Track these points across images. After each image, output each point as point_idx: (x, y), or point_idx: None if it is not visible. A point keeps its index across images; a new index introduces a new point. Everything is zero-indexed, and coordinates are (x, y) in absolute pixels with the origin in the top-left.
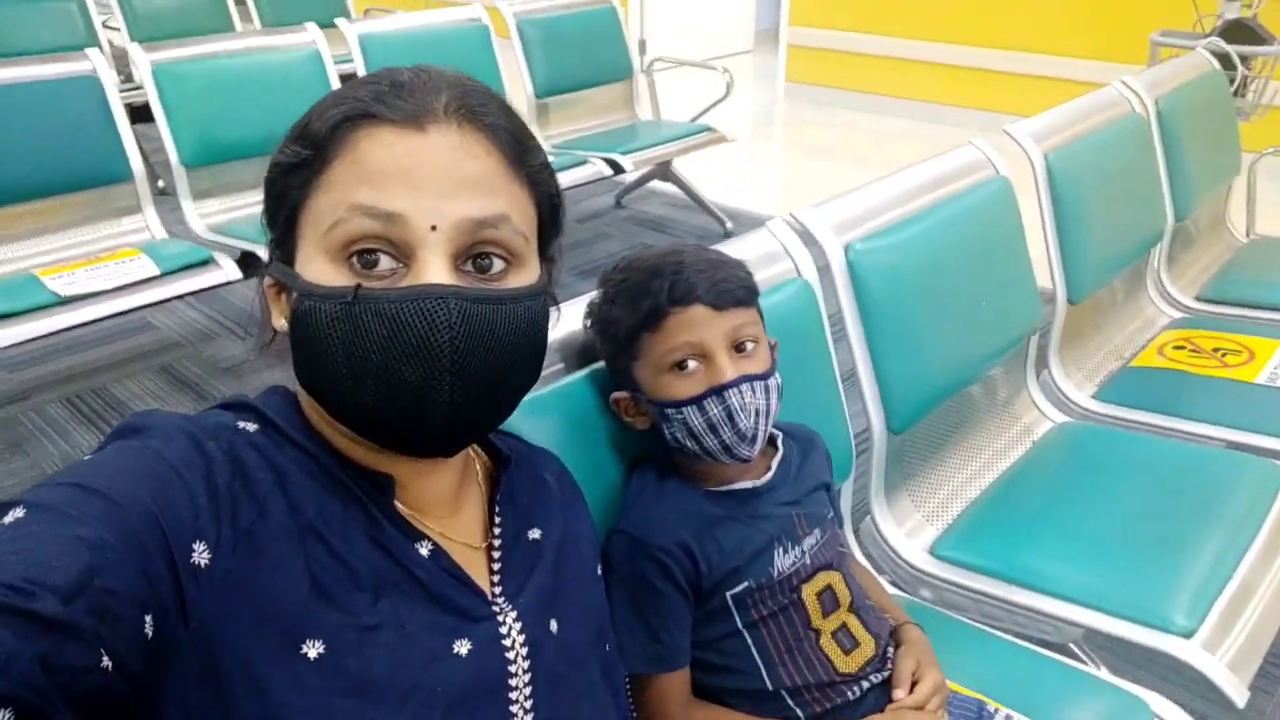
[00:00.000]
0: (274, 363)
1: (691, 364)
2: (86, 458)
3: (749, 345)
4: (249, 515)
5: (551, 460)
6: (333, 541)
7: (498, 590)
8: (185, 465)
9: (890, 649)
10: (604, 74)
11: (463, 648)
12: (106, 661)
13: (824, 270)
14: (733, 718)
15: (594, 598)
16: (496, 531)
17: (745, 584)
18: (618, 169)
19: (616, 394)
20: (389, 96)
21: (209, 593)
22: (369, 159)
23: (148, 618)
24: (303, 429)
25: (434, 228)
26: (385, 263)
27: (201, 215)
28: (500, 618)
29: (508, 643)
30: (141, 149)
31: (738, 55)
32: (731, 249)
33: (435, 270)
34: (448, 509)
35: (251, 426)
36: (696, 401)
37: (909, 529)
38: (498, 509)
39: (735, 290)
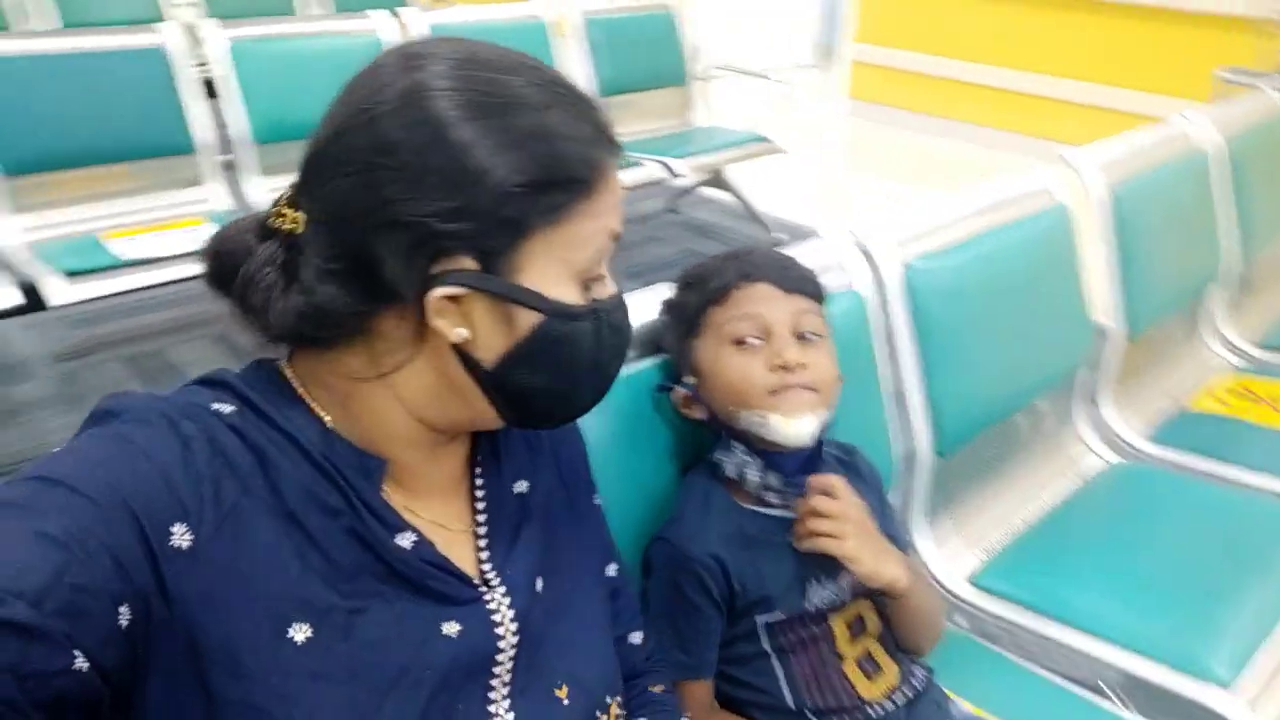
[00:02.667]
0: None
1: (752, 339)
2: (56, 449)
3: (811, 335)
4: (232, 493)
5: None
6: (312, 530)
7: (487, 568)
8: (159, 448)
9: (913, 674)
10: (662, 78)
11: (451, 629)
12: (80, 661)
13: (878, 288)
14: None
15: (586, 533)
16: (479, 500)
17: (776, 613)
18: (671, 173)
19: (680, 390)
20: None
21: (191, 574)
22: (615, 191)
23: (122, 609)
24: (287, 408)
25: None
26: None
27: (268, 190)
28: (488, 594)
29: (497, 618)
30: (215, 123)
31: (798, 69)
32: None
33: (611, 280)
34: (450, 485)
35: (227, 408)
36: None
37: (949, 554)
38: (478, 470)
39: (802, 276)
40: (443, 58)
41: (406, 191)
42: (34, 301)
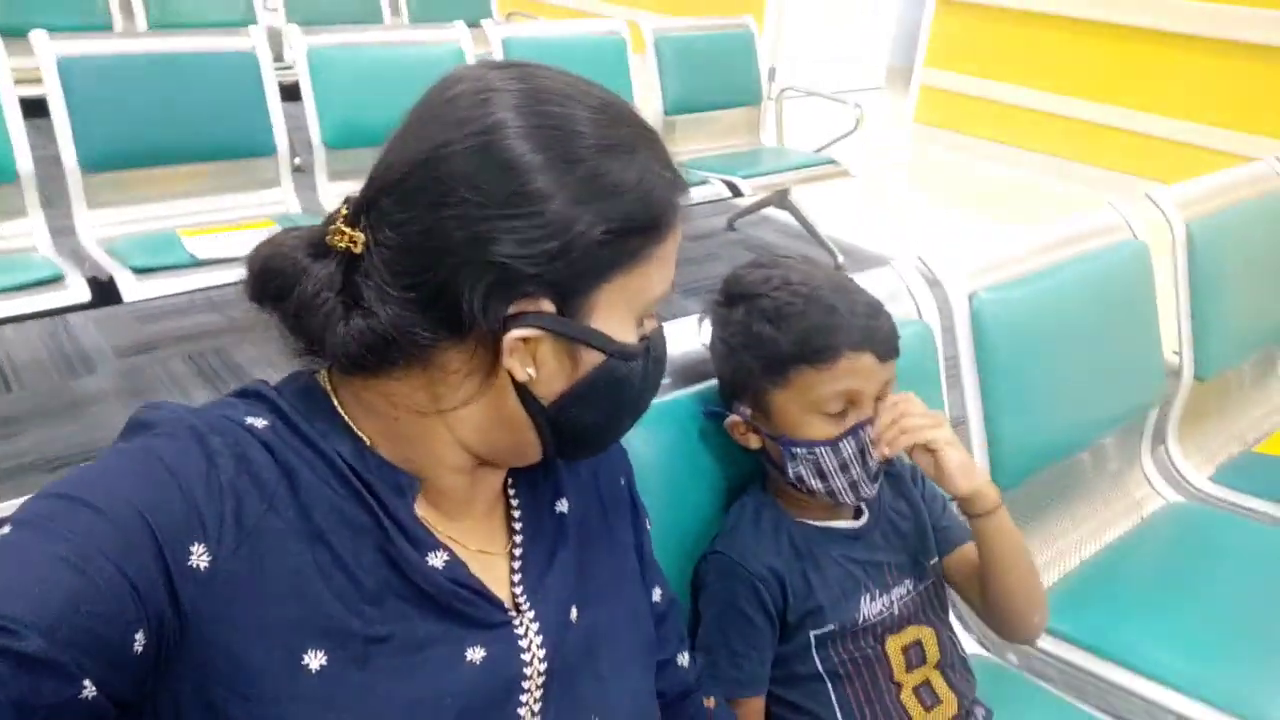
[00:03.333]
0: None
1: (845, 408)
2: (85, 463)
3: (885, 394)
4: (256, 511)
5: None
6: (339, 550)
7: (519, 591)
8: (185, 464)
9: (974, 708)
10: (733, 97)
11: (476, 654)
12: (89, 690)
13: (944, 318)
14: None
15: (618, 563)
16: (516, 521)
17: (829, 626)
18: (735, 192)
19: (734, 419)
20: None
21: (208, 597)
22: (680, 232)
23: (137, 635)
24: (323, 422)
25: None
26: None
27: (337, 195)
28: (518, 620)
29: (524, 644)
30: (286, 127)
31: (868, 91)
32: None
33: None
34: (485, 507)
35: (261, 422)
36: (833, 442)
37: None
38: (512, 490)
39: (896, 343)
40: (516, 93)
41: (496, 232)
42: (104, 296)
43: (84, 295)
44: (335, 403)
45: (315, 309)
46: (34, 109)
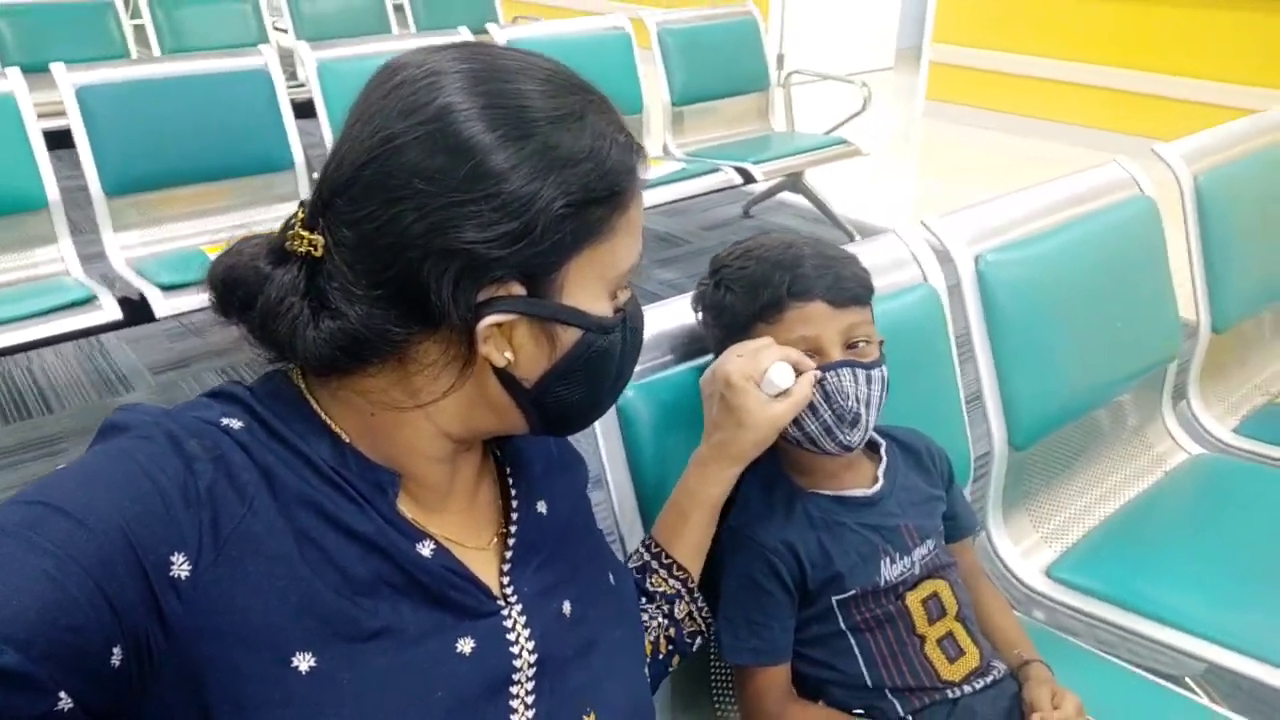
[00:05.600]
0: None
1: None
2: (61, 466)
3: (861, 344)
4: (234, 517)
5: None
6: (326, 545)
7: (506, 580)
8: (162, 469)
9: (995, 661)
10: (741, 84)
11: (466, 645)
12: (64, 703)
13: (952, 282)
14: (830, 716)
15: (600, 560)
16: (514, 512)
17: (851, 591)
18: (748, 178)
19: None
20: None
21: (190, 605)
22: (642, 199)
23: (115, 649)
24: (300, 423)
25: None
26: None
27: None
28: (505, 610)
29: (512, 636)
30: (301, 142)
31: (878, 71)
32: (859, 250)
33: None
34: (465, 499)
35: (237, 424)
36: None
37: (1025, 548)
38: (511, 480)
39: (854, 289)
40: (462, 74)
41: (455, 219)
42: (135, 315)
43: (116, 314)
44: (311, 402)
45: (281, 315)
46: (59, 140)
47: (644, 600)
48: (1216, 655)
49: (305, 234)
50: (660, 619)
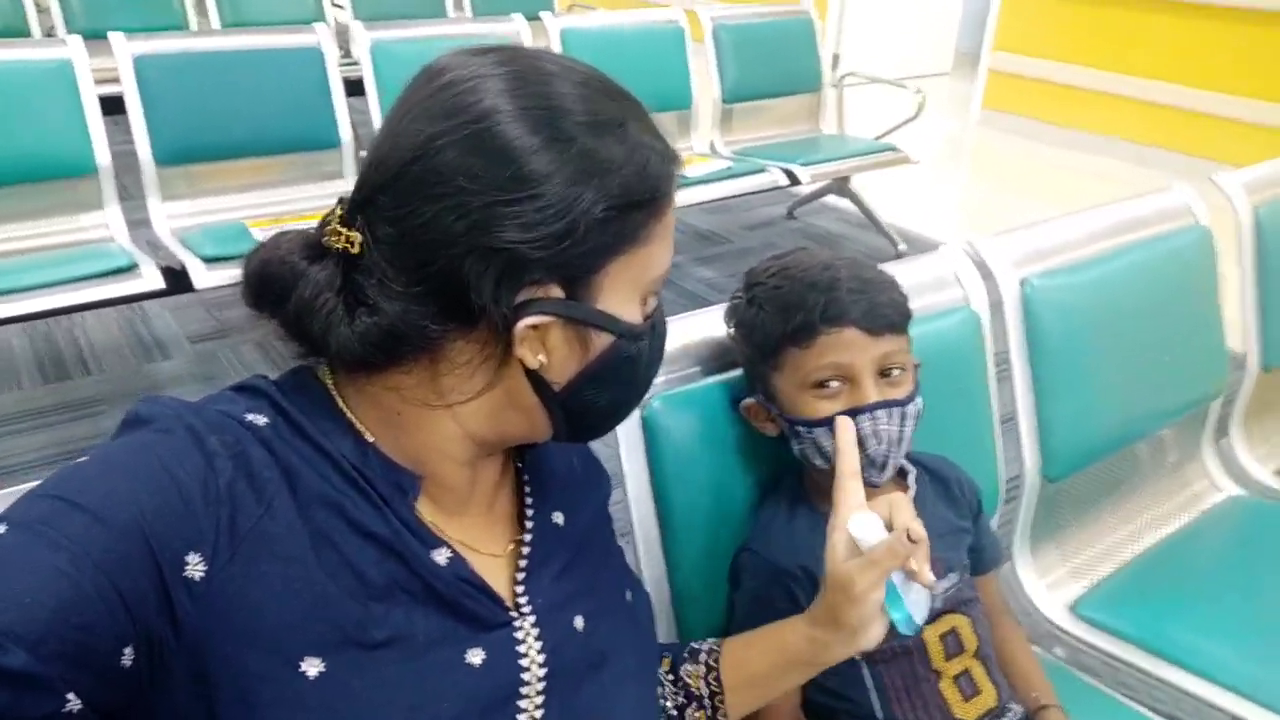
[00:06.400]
0: None
1: (834, 384)
2: (81, 459)
3: (896, 372)
4: (251, 516)
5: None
6: (344, 547)
7: (520, 590)
8: (181, 467)
9: (1011, 703)
10: (793, 84)
11: (476, 657)
12: (73, 703)
13: (995, 305)
14: None
15: (617, 576)
16: (529, 521)
17: None
18: (793, 180)
19: (747, 401)
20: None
21: (203, 606)
22: (674, 206)
23: (126, 650)
24: (325, 420)
25: None
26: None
27: None
28: (518, 623)
29: (522, 649)
30: (351, 120)
31: (934, 77)
32: (901, 270)
33: None
34: (483, 504)
35: (261, 420)
36: (829, 423)
37: (1051, 582)
38: (528, 489)
39: (890, 315)
40: (503, 77)
41: (498, 218)
42: (177, 284)
43: (158, 283)
44: (337, 399)
45: (316, 311)
46: (112, 105)
47: (669, 675)
48: (1242, 709)
49: (343, 230)
50: (670, 704)
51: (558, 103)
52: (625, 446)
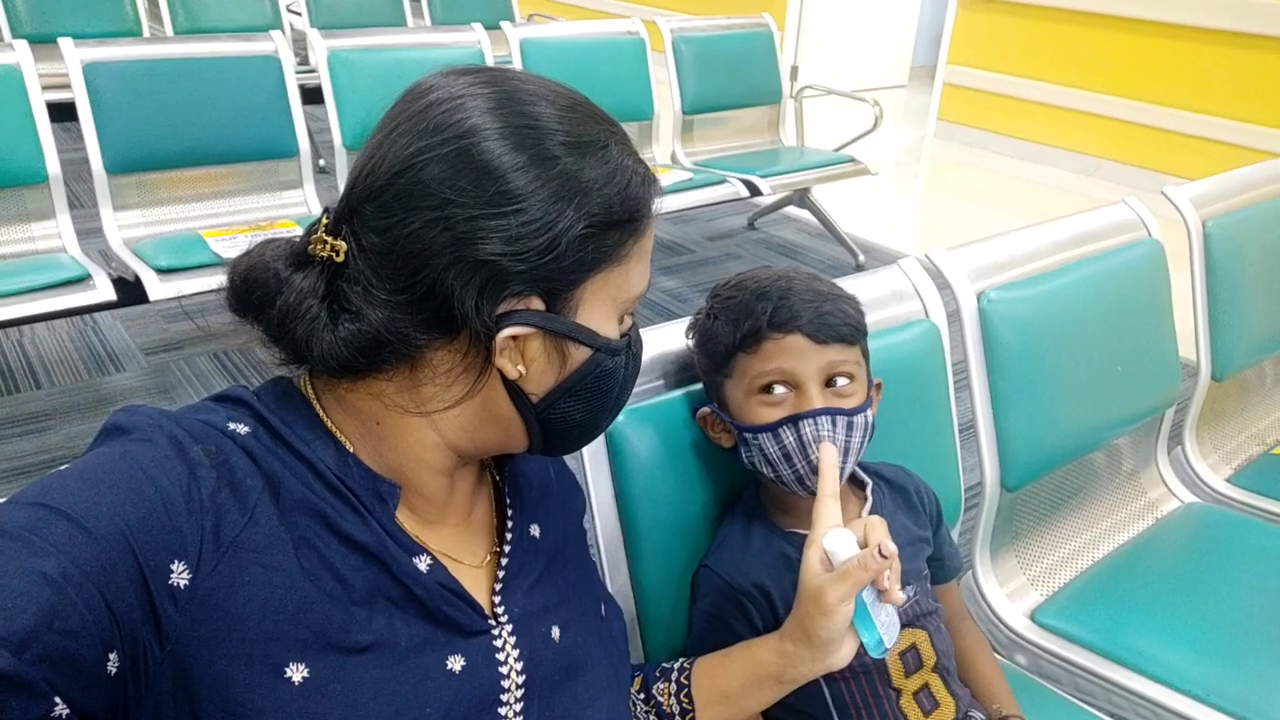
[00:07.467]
0: None
1: (779, 390)
2: (64, 466)
3: (841, 381)
4: (235, 525)
5: None
6: (326, 552)
7: (497, 600)
8: (165, 476)
9: (972, 711)
10: (753, 96)
11: (456, 663)
12: (60, 709)
13: (953, 316)
14: None
15: (592, 591)
16: (509, 532)
17: None
18: (754, 191)
19: (703, 410)
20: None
21: (187, 614)
22: (654, 226)
23: (111, 655)
24: (305, 429)
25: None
26: None
27: None
28: (496, 630)
29: (501, 656)
30: (308, 129)
31: (891, 89)
32: (860, 283)
33: None
34: (461, 514)
35: (243, 429)
36: (773, 429)
37: (1011, 590)
38: (508, 500)
39: (839, 326)
40: (488, 97)
41: (482, 231)
42: (130, 296)
43: (110, 295)
44: (317, 408)
45: (300, 316)
46: (62, 112)
47: (640, 694)
48: (1197, 713)
49: (329, 239)
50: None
51: (542, 123)
52: (589, 459)
